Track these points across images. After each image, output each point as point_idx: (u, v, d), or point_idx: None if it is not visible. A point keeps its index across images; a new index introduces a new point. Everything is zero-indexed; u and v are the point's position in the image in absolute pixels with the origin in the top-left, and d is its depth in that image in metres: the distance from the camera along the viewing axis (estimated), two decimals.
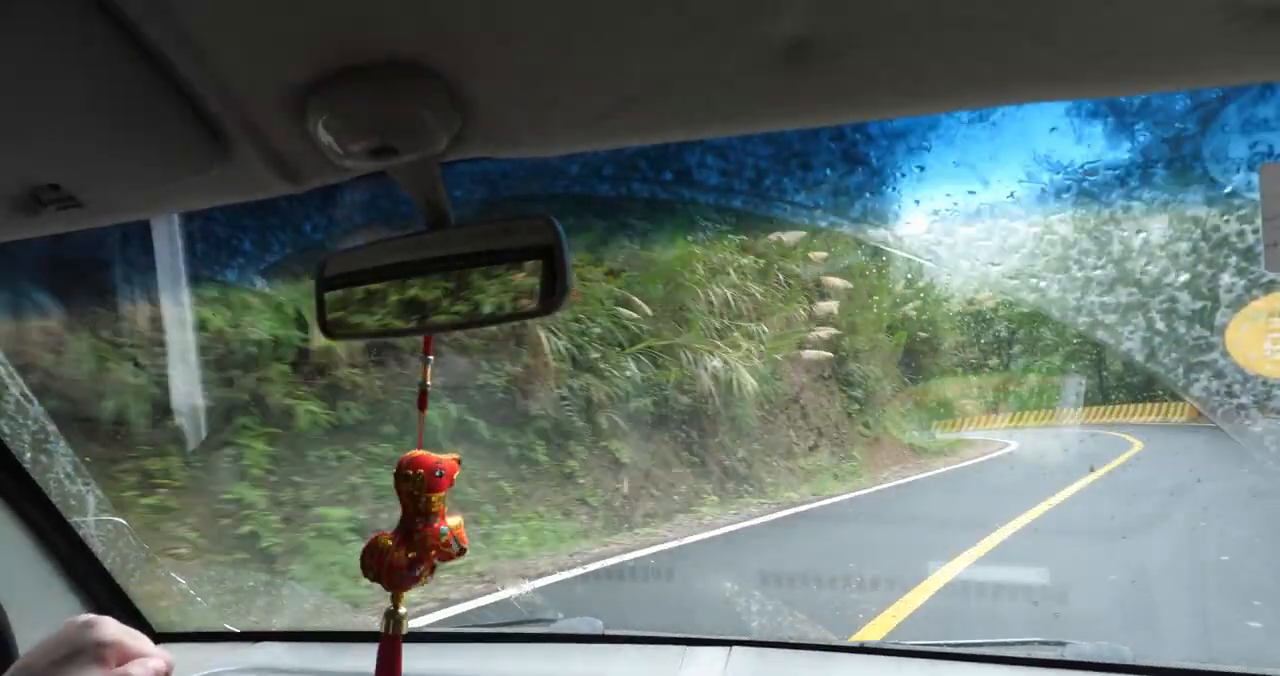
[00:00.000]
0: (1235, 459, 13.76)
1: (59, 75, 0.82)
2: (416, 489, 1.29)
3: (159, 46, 0.79)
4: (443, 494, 1.31)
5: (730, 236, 16.85)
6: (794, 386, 19.30)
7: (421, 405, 1.35)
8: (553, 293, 1.09)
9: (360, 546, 1.32)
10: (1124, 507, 13.24)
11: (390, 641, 1.41)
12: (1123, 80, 0.91)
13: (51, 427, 3.41)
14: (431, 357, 1.33)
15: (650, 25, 0.79)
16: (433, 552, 1.31)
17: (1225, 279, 7.38)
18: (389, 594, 1.37)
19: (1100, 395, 37.86)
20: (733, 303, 17.44)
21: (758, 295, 18.40)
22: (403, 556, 1.30)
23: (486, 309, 1.15)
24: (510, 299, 1.13)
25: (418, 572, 1.32)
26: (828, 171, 8.23)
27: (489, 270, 1.12)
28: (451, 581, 8.76)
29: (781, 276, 20.17)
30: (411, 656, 2.61)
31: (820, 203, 8.30)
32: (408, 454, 1.30)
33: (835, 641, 2.47)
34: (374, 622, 7.04)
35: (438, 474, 1.30)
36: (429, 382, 1.34)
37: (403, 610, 1.37)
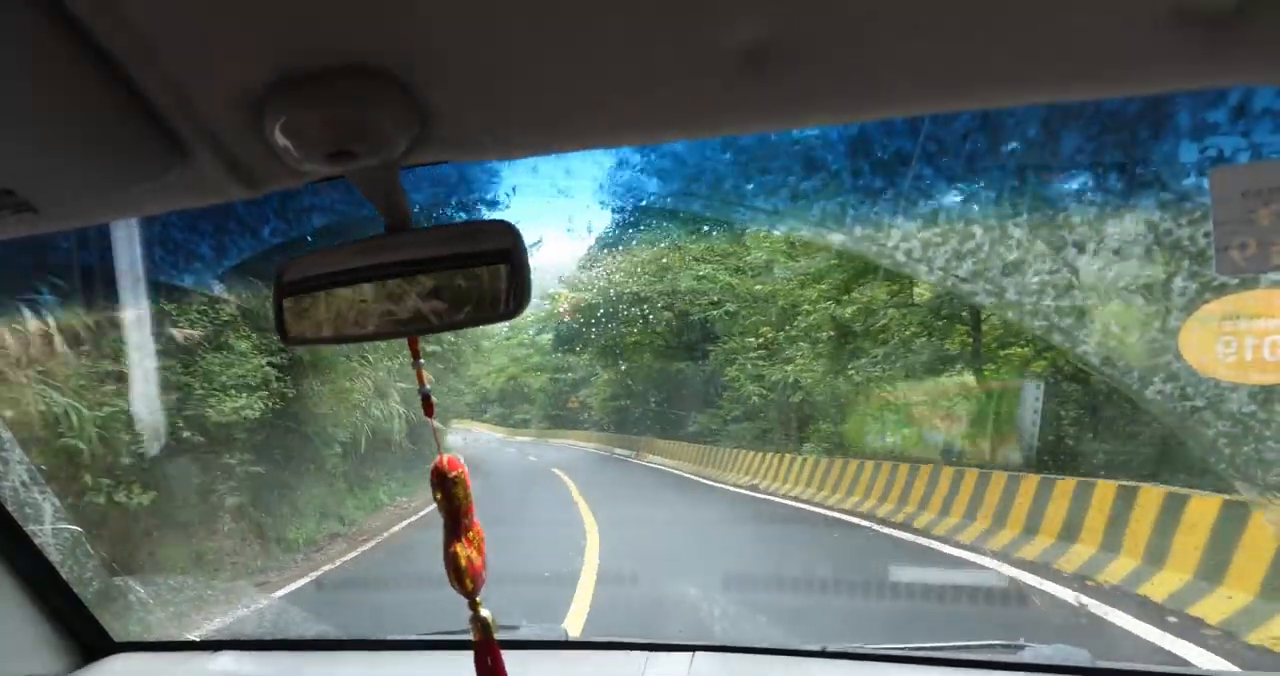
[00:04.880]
0: None
1: (9, 77, 0.81)
2: (459, 490, 1.31)
3: (112, 49, 0.79)
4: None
5: None
6: None
7: (428, 411, 1.35)
8: (514, 297, 1.09)
9: None
10: None
11: (487, 646, 1.41)
12: (1074, 85, 0.93)
13: (6, 435, 3.36)
14: (423, 361, 1.32)
15: (609, 30, 0.80)
16: (483, 546, 1.33)
17: (1178, 282, 7.50)
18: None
19: None
20: None
21: None
22: (478, 558, 1.32)
23: (449, 314, 1.15)
24: (473, 303, 1.13)
25: (485, 573, 1.33)
26: None
27: (449, 275, 1.12)
28: None
29: None
30: (371, 664, 2.62)
31: None
32: (439, 458, 1.31)
33: (797, 646, 2.48)
34: (329, 631, 6.99)
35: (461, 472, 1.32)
36: (427, 385, 1.34)
37: (485, 613, 1.36)
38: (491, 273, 1.09)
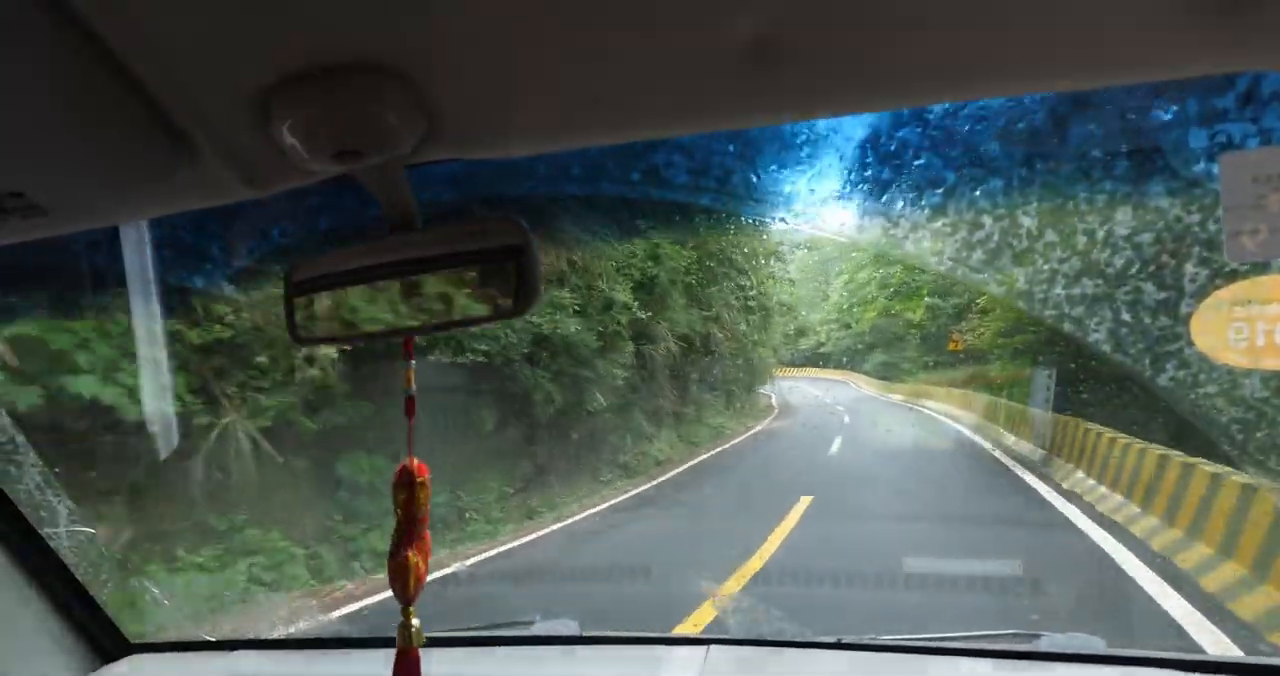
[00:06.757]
0: None
1: (17, 80, 0.81)
2: (420, 496, 1.28)
3: (119, 50, 0.78)
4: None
5: None
6: None
7: (409, 412, 1.30)
8: (523, 294, 1.09)
9: None
10: None
11: (408, 653, 1.39)
12: (1084, 73, 0.92)
13: (20, 439, 3.37)
14: (414, 362, 1.28)
15: (615, 26, 0.80)
16: (428, 555, 1.31)
17: (1189, 269, 7.47)
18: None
19: None
20: None
21: None
22: (424, 566, 1.30)
23: (457, 311, 1.15)
24: (481, 300, 1.12)
25: (425, 580, 1.32)
26: None
27: (458, 273, 1.12)
28: None
29: None
30: (385, 662, 2.61)
31: None
32: (406, 462, 1.28)
33: (812, 638, 2.47)
34: (345, 629, 7.02)
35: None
36: (413, 386, 1.29)
37: (415, 622, 1.34)
38: (499, 270, 1.09)
